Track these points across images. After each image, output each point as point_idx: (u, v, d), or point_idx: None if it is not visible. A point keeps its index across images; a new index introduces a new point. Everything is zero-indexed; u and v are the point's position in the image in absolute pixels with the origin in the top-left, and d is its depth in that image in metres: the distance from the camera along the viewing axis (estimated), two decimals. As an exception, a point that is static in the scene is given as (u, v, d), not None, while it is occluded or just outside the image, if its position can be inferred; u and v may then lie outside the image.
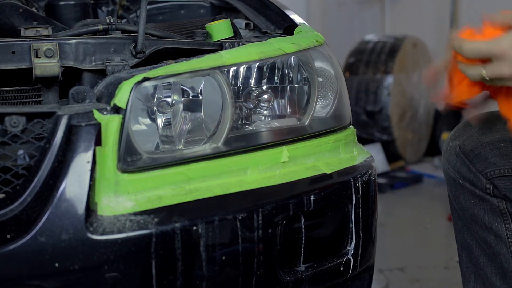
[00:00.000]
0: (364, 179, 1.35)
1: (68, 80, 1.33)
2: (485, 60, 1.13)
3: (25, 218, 1.06)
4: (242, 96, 1.30)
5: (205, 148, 1.22)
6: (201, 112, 1.24)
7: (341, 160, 1.37)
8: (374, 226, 1.40)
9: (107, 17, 1.46)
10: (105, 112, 1.11)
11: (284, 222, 1.22)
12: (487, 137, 1.34)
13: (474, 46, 1.12)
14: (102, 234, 1.07)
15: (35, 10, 1.62)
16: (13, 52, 1.26)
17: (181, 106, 1.22)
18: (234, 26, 1.49)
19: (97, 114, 1.10)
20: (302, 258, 1.27)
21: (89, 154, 1.09)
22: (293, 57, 1.34)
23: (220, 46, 1.39)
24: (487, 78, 1.12)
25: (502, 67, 1.10)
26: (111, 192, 1.11)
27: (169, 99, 1.21)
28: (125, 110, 1.13)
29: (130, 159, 1.14)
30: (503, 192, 1.31)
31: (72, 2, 1.64)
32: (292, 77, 1.34)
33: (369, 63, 4.34)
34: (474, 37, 1.15)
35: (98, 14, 1.88)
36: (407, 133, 4.28)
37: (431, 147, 4.41)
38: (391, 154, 4.12)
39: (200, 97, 1.24)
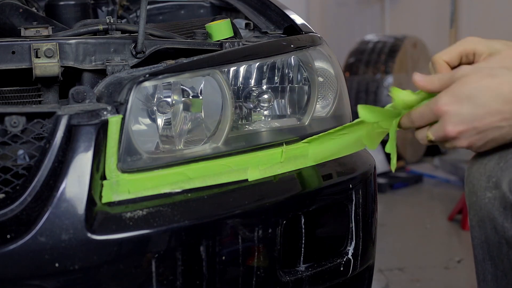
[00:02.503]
0: (364, 179, 1.35)
1: (68, 80, 1.33)
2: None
3: (25, 218, 1.06)
4: (242, 96, 1.30)
5: (205, 148, 1.22)
6: (201, 112, 1.24)
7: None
8: (374, 226, 1.40)
9: (107, 17, 1.45)
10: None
11: (284, 222, 1.22)
12: None
13: (419, 112, 1.05)
14: (102, 234, 1.07)
15: (35, 10, 1.62)
16: (13, 52, 1.26)
17: (181, 106, 1.22)
18: (234, 26, 1.48)
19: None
20: (302, 258, 1.27)
21: (89, 154, 1.09)
22: (293, 57, 1.34)
23: (220, 46, 1.39)
24: (433, 139, 1.05)
25: (445, 126, 1.01)
26: (111, 192, 1.11)
27: (169, 99, 1.21)
28: (125, 110, 1.13)
29: (130, 159, 1.14)
30: None
31: (72, 2, 1.63)
32: (292, 77, 1.34)
33: (369, 63, 4.34)
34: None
35: (98, 14, 1.88)
36: (407, 133, 4.28)
37: (431, 147, 4.41)
38: (391, 154, 4.12)
39: (200, 97, 1.24)
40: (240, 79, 1.29)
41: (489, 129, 1.01)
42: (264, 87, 1.32)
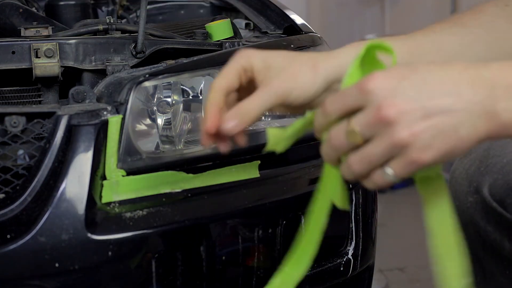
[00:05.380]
0: (364, 179, 1.35)
1: (68, 80, 1.33)
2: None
3: (25, 218, 1.06)
4: (242, 96, 1.29)
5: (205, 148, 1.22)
6: (201, 112, 1.24)
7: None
8: (374, 226, 1.40)
9: (107, 17, 1.45)
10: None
11: (284, 222, 1.22)
12: None
13: (337, 95, 0.74)
14: (102, 234, 1.07)
15: (35, 10, 1.62)
16: (13, 52, 1.26)
17: (181, 106, 1.22)
18: (234, 26, 1.48)
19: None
20: (302, 258, 1.27)
21: (89, 154, 1.09)
22: (293, 57, 1.33)
23: (220, 46, 1.39)
24: (359, 130, 0.72)
25: (380, 104, 0.70)
26: (111, 192, 1.11)
27: (169, 99, 1.21)
28: (125, 110, 1.13)
29: (130, 159, 1.14)
30: None
31: (72, 2, 1.63)
32: (292, 77, 1.34)
33: (369, 63, 4.34)
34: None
35: (98, 14, 1.88)
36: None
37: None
38: (391, 154, 4.12)
39: (200, 97, 1.24)
40: (240, 79, 1.29)
41: (440, 113, 0.70)
42: (264, 87, 1.31)
